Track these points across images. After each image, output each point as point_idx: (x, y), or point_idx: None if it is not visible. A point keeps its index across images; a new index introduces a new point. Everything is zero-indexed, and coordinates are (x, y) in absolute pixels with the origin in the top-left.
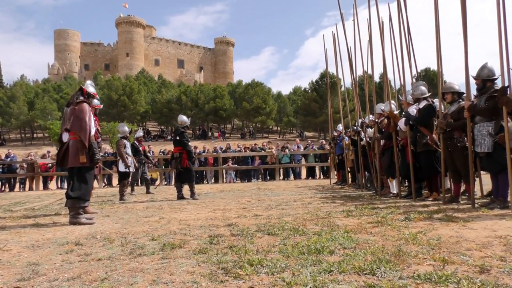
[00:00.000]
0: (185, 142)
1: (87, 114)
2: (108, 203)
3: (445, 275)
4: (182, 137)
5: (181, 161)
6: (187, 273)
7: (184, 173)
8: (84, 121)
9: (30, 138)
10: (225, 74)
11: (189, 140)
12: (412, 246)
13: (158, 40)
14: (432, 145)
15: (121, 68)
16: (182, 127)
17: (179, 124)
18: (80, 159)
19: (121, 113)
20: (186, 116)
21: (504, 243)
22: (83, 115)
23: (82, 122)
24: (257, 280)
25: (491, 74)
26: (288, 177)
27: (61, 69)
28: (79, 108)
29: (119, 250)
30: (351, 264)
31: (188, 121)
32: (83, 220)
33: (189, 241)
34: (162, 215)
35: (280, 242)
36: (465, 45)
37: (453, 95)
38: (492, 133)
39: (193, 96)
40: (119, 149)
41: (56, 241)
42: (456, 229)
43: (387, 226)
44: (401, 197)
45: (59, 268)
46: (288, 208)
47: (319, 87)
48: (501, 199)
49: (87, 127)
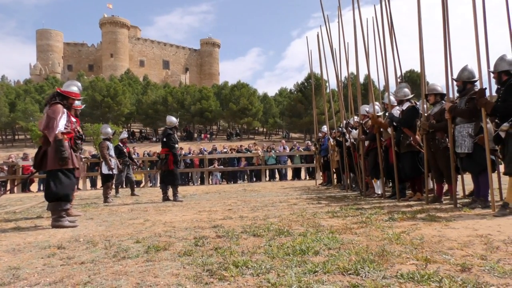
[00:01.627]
0: (171, 145)
1: (59, 114)
2: (92, 205)
3: (428, 274)
4: (169, 139)
5: (167, 163)
6: (171, 276)
7: (168, 175)
8: (53, 120)
9: (12, 140)
10: (211, 75)
11: (176, 141)
12: (396, 246)
13: (143, 41)
14: (415, 146)
15: (105, 69)
16: (170, 128)
17: (167, 125)
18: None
19: (105, 114)
20: (174, 117)
21: (484, 242)
22: (55, 115)
23: (50, 121)
24: (242, 282)
25: (471, 76)
26: (274, 178)
27: (43, 70)
28: (51, 108)
29: (103, 253)
30: (336, 265)
31: (176, 122)
32: (66, 223)
33: (174, 243)
34: (147, 217)
35: (266, 243)
36: (445, 48)
37: (436, 97)
38: (472, 134)
39: (179, 97)
40: (102, 151)
41: (38, 244)
42: (438, 228)
43: (371, 226)
44: (385, 197)
45: (40, 272)
46: (273, 209)
47: (304, 88)
48: (482, 199)
49: (54, 126)
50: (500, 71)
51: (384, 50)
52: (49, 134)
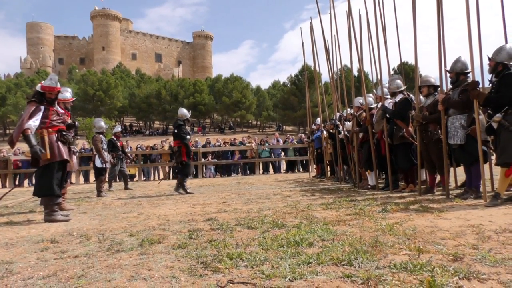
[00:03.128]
0: (182, 135)
1: (28, 112)
2: (85, 199)
3: (420, 264)
4: (180, 130)
5: (180, 155)
6: (166, 268)
7: (181, 166)
8: (22, 118)
9: (3, 134)
10: (204, 68)
11: (187, 133)
12: (389, 236)
13: (135, 34)
14: (408, 138)
15: (97, 62)
16: (182, 120)
17: (179, 117)
18: (43, 156)
19: (98, 108)
20: (186, 109)
21: (476, 232)
22: (25, 114)
23: (20, 119)
24: (236, 273)
25: (464, 67)
26: (267, 171)
27: (34, 63)
28: (26, 107)
29: (97, 246)
30: (330, 256)
31: (188, 114)
32: (59, 217)
33: (168, 236)
34: (141, 210)
35: (260, 236)
36: (439, 40)
37: (429, 88)
38: (465, 126)
39: (172, 90)
40: (96, 144)
41: (31, 239)
42: (431, 219)
43: (365, 217)
44: (378, 189)
45: (34, 266)
46: (267, 202)
47: (298, 81)
48: (474, 190)
49: (22, 123)
50: (498, 62)
51: (377, 42)
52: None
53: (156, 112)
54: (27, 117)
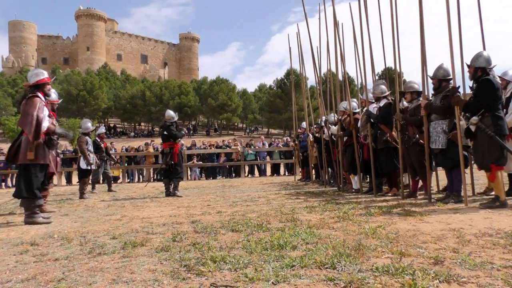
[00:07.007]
0: (174, 134)
1: (36, 108)
2: (67, 201)
3: (402, 267)
4: (170, 130)
5: (172, 156)
6: (148, 271)
7: (174, 169)
8: (31, 115)
9: None
10: (190, 70)
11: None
12: (372, 240)
13: (121, 34)
14: (392, 142)
15: (81, 62)
16: (170, 122)
17: (166, 119)
18: (27, 155)
19: (82, 109)
20: (173, 111)
21: (457, 236)
22: (32, 110)
23: (28, 117)
24: (219, 277)
25: (446, 74)
26: (253, 174)
27: (16, 63)
28: (28, 102)
29: (78, 249)
30: (313, 259)
31: (176, 116)
32: (39, 220)
33: (152, 239)
34: (124, 213)
35: (244, 239)
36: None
37: (412, 94)
38: (446, 131)
39: (157, 92)
40: (81, 145)
41: (10, 241)
42: (413, 223)
43: (348, 221)
44: (362, 192)
45: (12, 270)
46: (252, 205)
47: (284, 84)
48: (455, 194)
49: (33, 121)
50: (477, 67)
51: (362, 47)
52: (28, 131)
53: (141, 113)
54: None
